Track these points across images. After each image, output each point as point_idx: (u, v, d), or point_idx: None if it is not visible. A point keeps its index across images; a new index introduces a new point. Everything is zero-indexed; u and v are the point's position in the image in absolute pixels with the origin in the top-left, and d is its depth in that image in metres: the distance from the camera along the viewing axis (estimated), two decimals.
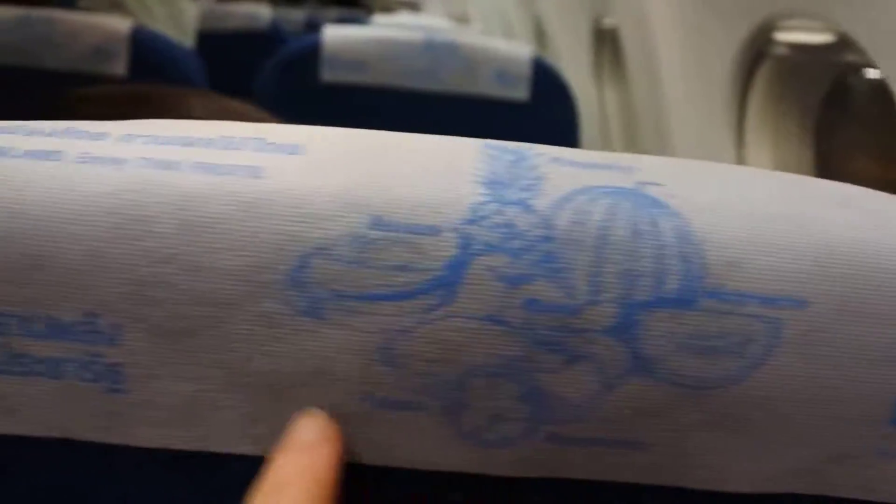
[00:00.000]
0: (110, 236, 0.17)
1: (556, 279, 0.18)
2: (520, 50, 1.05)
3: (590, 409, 0.18)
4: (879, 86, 0.68)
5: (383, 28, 1.08)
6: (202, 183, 0.18)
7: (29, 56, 1.00)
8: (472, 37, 1.07)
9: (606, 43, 1.28)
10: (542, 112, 1.05)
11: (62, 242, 0.17)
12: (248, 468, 0.19)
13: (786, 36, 0.66)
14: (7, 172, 0.18)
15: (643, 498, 0.20)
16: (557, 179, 0.19)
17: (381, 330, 0.18)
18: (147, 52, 1.02)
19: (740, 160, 0.82)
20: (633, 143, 1.29)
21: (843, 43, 0.58)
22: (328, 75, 1.04)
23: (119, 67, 1.01)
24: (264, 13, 1.97)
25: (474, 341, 0.18)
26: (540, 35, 1.90)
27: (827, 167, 0.77)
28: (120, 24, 1.02)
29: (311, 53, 1.05)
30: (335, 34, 1.05)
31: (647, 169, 0.20)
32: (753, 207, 0.19)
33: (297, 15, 2.58)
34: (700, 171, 0.20)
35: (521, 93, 1.04)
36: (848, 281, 0.19)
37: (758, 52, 0.70)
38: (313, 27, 2.70)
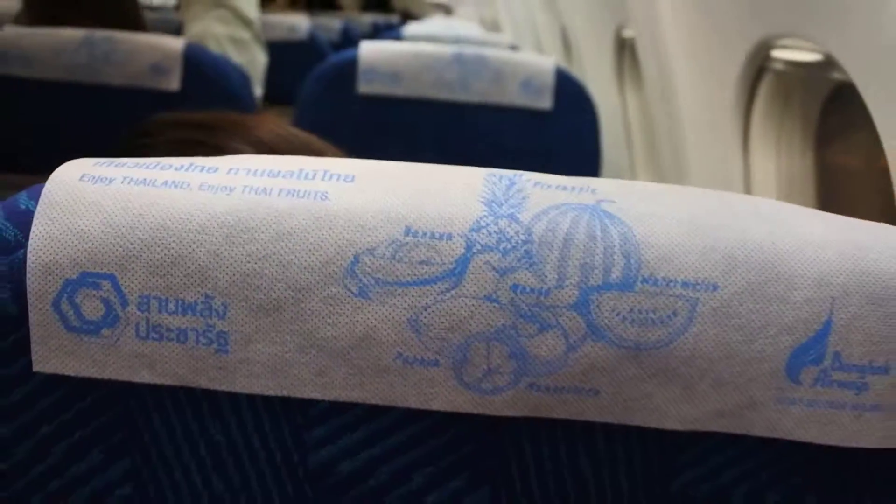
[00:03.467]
0: (225, 242, 0.25)
1: (533, 270, 0.25)
2: (544, 61, 1.12)
3: (558, 365, 0.26)
4: None
5: (416, 43, 1.15)
6: (288, 204, 0.25)
7: (92, 73, 1.09)
8: (499, 50, 1.13)
9: (627, 52, 1.34)
10: (565, 120, 1.12)
11: (192, 247, 0.25)
12: (320, 410, 0.27)
13: (781, 54, 0.72)
14: (153, 198, 0.26)
15: (595, 433, 0.27)
16: (537, 199, 0.26)
17: (410, 307, 0.25)
18: (199, 68, 1.10)
19: (747, 165, 0.88)
20: (651, 147, 1.35)
21: (830, 62, 0.64)
22: (364, 87, 1.12)
23: (174, 83, 1.10)
24: (303, 24, 2.06)
25: (476, 314, 0.25)
26: (566, 43, 1.97)
27: (826, 169, 0.83)
28: (174, 43, 1.10)
29: (349, 66, 1.12)
30: (370, 49, 1.13)
31: (606, 190, 0.27)
32: (683, 217, 0.26)
33: (334, 23, 2.67)
34: (648, 190, 0.27)
35: (545, 102, 1.10)
36: (751, 271, 0.26)
37: (759, 67, 0.77)
38: (349, 34, 2.80)
